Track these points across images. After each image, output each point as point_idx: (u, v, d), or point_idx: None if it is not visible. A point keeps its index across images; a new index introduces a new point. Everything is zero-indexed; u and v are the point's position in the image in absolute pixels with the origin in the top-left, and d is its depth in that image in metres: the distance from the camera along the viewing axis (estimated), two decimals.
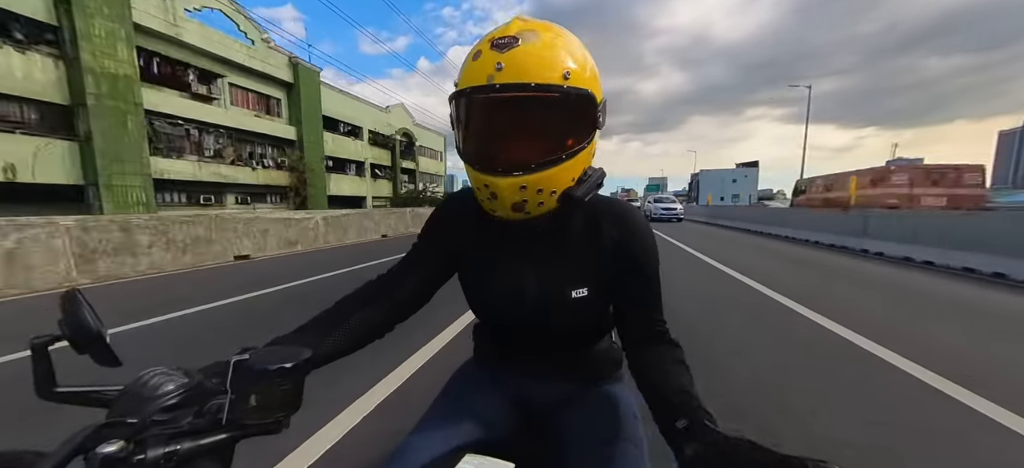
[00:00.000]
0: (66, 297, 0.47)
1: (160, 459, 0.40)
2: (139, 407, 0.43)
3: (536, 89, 0.58)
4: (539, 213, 0.66)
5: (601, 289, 0.73)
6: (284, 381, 0.44)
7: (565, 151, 0.62)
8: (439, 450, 0.71)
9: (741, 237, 12.07)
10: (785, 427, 1.86)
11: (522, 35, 0.59)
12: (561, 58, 0.60)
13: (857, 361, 2.62)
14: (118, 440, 0.39)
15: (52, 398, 0.46)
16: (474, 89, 0.61)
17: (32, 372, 0.46)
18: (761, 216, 15.63)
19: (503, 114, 0.63)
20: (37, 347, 0.45)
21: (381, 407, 2.08)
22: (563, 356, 0.82)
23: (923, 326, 3.37)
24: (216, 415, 0.44)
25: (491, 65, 0.58)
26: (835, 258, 7.54)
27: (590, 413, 0.77)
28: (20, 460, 0.44)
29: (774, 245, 9.85)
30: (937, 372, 2.37)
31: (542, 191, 0.63)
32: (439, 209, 0.83)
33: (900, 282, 5.30)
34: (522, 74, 0.57)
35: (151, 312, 3.79)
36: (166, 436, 0.42)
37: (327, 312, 0.69)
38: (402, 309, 0.75)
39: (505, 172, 0.61)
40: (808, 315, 3.64)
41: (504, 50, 0.58)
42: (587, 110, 0.63)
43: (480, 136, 0.66)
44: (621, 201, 0.78)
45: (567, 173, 0.64)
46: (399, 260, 0.79)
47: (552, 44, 0.60)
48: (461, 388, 0.86)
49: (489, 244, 0.77)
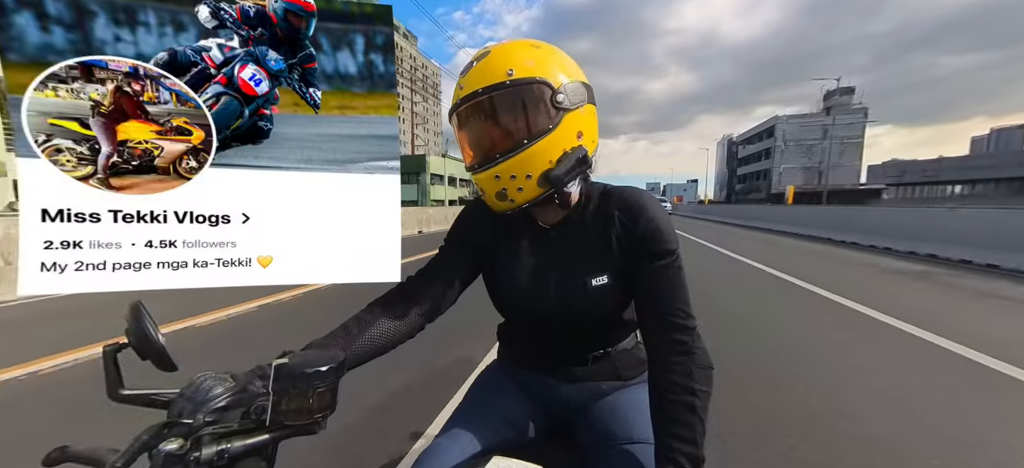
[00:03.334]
0: (132, 309, 0.52)
1: (213, 457, 0.44)
2: (194, 409, 0.48)
3: (483, 92, 0.68)
4: (524, 200, 0.70)
5: (621, 276, 0.73)
6: (321, 383, 0.47)
7: (528, 137, 0.68)
8: (467, 453, 0.71)
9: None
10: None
11: (478, 59, 0.71)
12: (504, 62, 0.69)
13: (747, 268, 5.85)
14: (177, 439, 0.43)
15: (120, 400, 0.51)
16: (451, 110, 0.75)
17: (104, 376, 0.51)
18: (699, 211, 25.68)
19: (467, 121, 0.73)
20: (108, 353, 0.51)
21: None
22: (587, 356, 0.81)
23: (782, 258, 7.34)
24: (260, 416, 0.47)
25: (458, 87, 0.72)
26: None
27: (616, 415, 0.77)
28: (97, 455, 0.48)
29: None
30: (777, 270, 6.16)
31: (516, 177, 0.69)
32: (463, 213, 0.86)
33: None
34: (474, 84, 0.69)
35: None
36: (218, 436, 0.45)
37: (357, 317, 0.71)
38: (430, 311, 0.77)
39: (480, 167, 0.71)
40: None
41: (464, 74, 0.71)
42: (539, 96, 0.68)
43: (462, 143, 0.76)
44: (633, 188, 0.78)
45: (539, 157, 0.68)
46: (426, 263, 0.81)
47: (499, 54, 0.70)
48: (487, 390, 0.86)
49: (511, 242, 0.80)
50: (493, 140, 0.70)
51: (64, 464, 0.49)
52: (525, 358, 0.87)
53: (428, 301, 0.76)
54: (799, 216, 15.77)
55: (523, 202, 0.71)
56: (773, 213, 19.56)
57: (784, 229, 14.34)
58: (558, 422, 0.84)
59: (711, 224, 20.13)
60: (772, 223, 16.60)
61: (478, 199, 0.84)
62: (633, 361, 0.83)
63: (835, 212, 14.42)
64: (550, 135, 0.68)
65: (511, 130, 0.68)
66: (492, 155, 0.69)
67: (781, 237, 12.16)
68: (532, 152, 0.68)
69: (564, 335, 0.79)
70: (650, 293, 0.70)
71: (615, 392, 0.81)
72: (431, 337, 0.91)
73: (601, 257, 0.74)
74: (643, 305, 0.72)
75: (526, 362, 0.86)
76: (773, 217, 18.06)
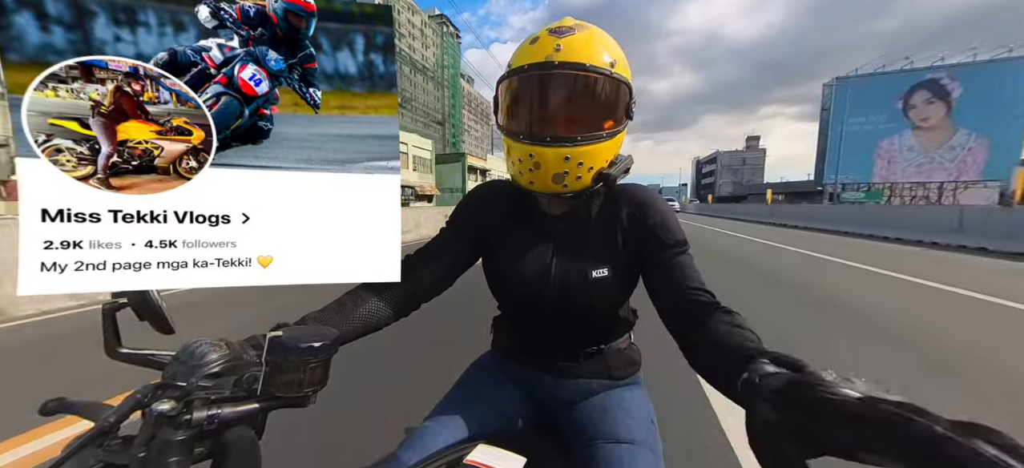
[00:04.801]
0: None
1: (203, 421, 0.45)
2: (187, 373, 0.49)
3: (590, 69, 0.66)
4: (578, 188, 0.71)
5: (621, 270, 0.74)
6: (313, 359, 0.48)
7: (605, 131, 0.69)
8: (453, 437, 0.73)
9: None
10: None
11: (576, 27, 0.69)
12: (608, 48, 0.68)
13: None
14: (170, 400, 0.44)
15: (117, 357, 0.53)
16: (533, 65, 0.68)
17: (102, 332, 0.52)
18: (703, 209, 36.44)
19: (558, 89, 0.69)
20: (107, 311, 0.52)
21: None
22: (581, 352, 0.82)
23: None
24: (252, 386, 0.48)
25: (550, 47, 0.67)
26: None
27: (606, 414, 0.77)
28: (92, 409, 0.49)
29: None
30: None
31: (582, 165, 0.69)
32: (467, 198, 0.87)
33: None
34: (578, 55, 0.65)
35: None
36: (209, 401, 0.46)
37: (353, 293, 0.72)
38: (424, 293, 0.78)
39: (553, 143, 0.68)
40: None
41: (562, 36, 0.67)
42: (624, 98, 0.70)
43: (533, 109, 0.72)
44: (639, 185, 0.80)
45: (604, 152, 0.70)
46: (426, 243, 0.81)
47: (600, 37, 0.70)
48: (478, 379, 0.87)
49: (516, 228, 0.81)
50: (579, 120, 0.69)
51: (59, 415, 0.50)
52: (518, 350, 0.87)
53: (424, 281, 0.77)
54: (797, 212, 22.70)
55: (576, 190, 0.72)
56: (767, 210, 26.90)
57: (774, 221, 22.90)
58: (546, 416, 0.85)
59: (738, 221, 24.69)
60: (762, 217, 24.14)
61: (483, 185, 0.85)
62: (625, 361, 0.84)
63: (820, 207, 23.37)
64: (618, 136, 0.71)
65: (600, 117, 0.69)
66: (573, 136, 0.67)
67: (781, 228, 17.56)
68: (604, 146, 0.69)
69: (560, 327, 0.80)
70: (668, 279, 0.70)
71: (605, 391, 0.81)
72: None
73: (604, 250, 0.75)
74: (661, 293, 0.70)
75: (519, 354, 0.87)
76: (757, 213, 25.97)
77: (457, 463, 0.66)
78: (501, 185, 0.85)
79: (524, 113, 0.72)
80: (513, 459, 0.66)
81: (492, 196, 0.82)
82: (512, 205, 0.80)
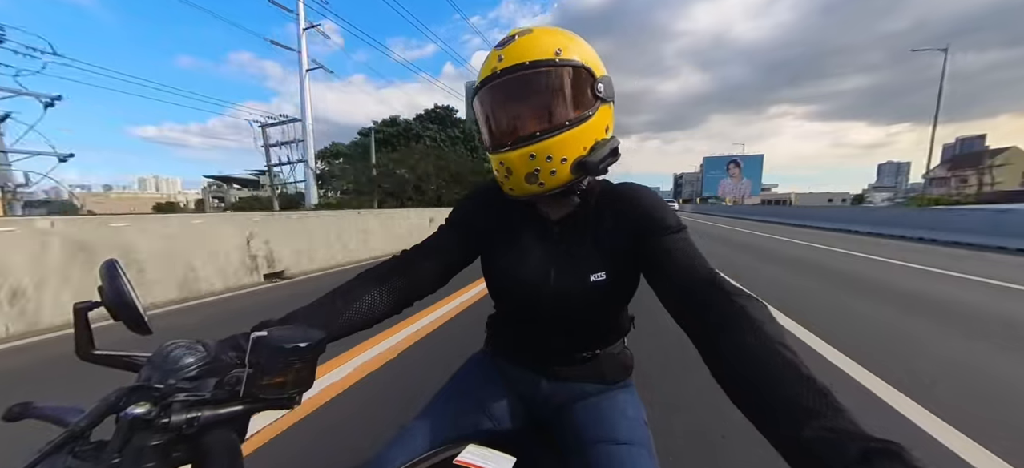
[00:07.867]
0: (107, 267, 0.50)
1: (182, 424, 0.43)
2: (164, 375, 0.46)
3: (530, 66, 0.66)
4: (554, 184, 0.69)
5: (618, 273, 0.73)
6: (298, 360, 0.46)
7: (568, 120, 0.67)
8: (443, 436, 0.72)
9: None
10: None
11: (520, 33, 0.70)
12: (552, 41, 0.68)
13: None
14: (146, 403, 0.42)
15: (89, 359, 0.49)
16: (483, 82, 0.70)
17: (74, 334, 0.49)
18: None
19: (507, 95, 0.69)
20: (78, 311, 0.49)
21: None
22: (574, 355, 0.81)
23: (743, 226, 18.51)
24: (234, 387, 0.46)
25: (495, 59, 0.68)
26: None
27: (600, 415, 0.76)
28: (62, 413, 0.46)
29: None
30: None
31: (552, 159, 0.67)
32: (467, 196, 0.86)
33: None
34: (519, 57, 0.66)
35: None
36: (189, 403, 0.44)
37: (343, 288, 0.70)
38: (417, 290, 0.76)
39: (514, 146, 0.67)
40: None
41: (504, 46, 0.68)
42: (584, 81, 0.68)
43: (492, 120, 0.72)
44: (629, 183, 0.78)
45: (575, 141, 0.68)
46: (423, 240, 0.80)
47: (544, 33, 0.69)
48: (469, 379, 0.86)
49: (514, 231, 0.79)
50: (533, 117, 0.68)
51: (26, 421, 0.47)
52: (512, 351, 0.86)
53: (419, 278, 0.75)
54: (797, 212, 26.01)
55: (553, 186, 0.69)
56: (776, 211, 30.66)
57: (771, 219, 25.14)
58: (538, 418, 0.83)
59: (752, 221, 26.03)
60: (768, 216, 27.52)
61: (485, 184, 0.84)
62: (619, 366, 0.83)
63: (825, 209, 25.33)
64: (588, 122, 0.68)
65: (554, 109, 0.67)
66: (530, 133, 0.67)
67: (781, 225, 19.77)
68: (571, 135, 0.67)
69: (556, 331, 0.78)
70: (666, 266, 0.64)
71: (599, 394, 0.80)
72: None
73: (601, 254, 0.73)
74: (661, 284, 0.65)
75: (513, 356, 0.86)
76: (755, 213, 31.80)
77: (446, 463, 0.65)
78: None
79: (487, 127, 0.73)
80: (503, 459, 0.65)
81: (494, 195, 0.79)
82: (513, 206, 0.78)
